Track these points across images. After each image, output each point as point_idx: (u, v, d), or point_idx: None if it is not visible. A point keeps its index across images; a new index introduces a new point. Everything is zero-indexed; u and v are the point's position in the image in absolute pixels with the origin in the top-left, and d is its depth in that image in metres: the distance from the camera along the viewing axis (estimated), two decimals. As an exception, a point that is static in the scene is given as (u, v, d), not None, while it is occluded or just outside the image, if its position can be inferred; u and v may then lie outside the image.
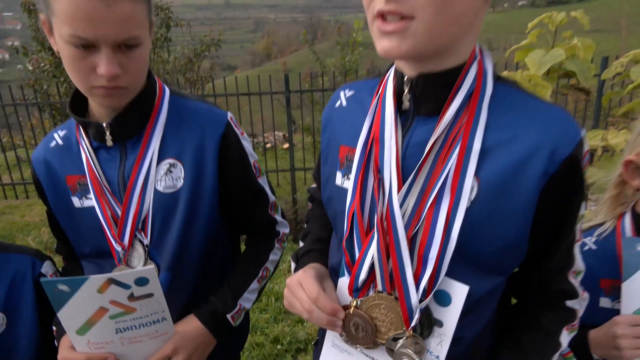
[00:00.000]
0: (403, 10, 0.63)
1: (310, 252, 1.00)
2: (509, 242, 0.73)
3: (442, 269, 0.72)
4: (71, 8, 0.81)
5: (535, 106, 0.73)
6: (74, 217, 1.06)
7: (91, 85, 0.89)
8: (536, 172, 0.69)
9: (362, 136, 0.81)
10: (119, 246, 1.01)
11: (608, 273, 1.05)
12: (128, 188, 1.00)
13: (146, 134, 1.01)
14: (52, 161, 1.06)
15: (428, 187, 0.73)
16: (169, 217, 1.03)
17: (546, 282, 0.83)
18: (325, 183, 0.93)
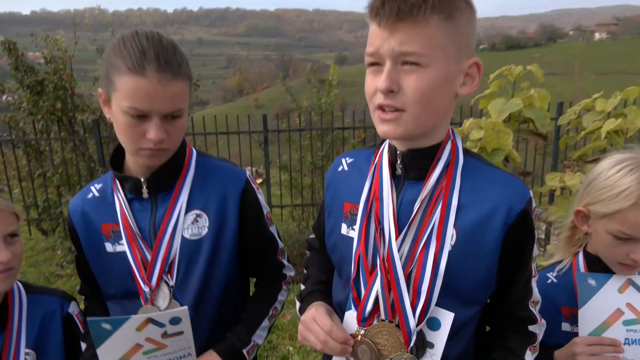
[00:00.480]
0: (397, 104, 0.87)
1: (313, 292, 1.17)
2: (482, 278, 0.95)
3: (432, 299, 0.92)
4: (134, 87, 1.01)
5: (495, 174, 0.98)
6: (105, 261, 1.18)
7: (140, 147, 1.06)
8: (498, 224, 0.93)
9: (364, 195, 1.02)
10: (146, 287, 1.13)
11: (567, 302, 1.25)
12: (158, 235, 1.14)
13: (176, 188, 1.17)
14: (89, 211, 1.20)
15: (419, 235, 0.94)
16: (193, 261, 1.17)
17: (511, 311, 1.03)
18: (330, 233, 1.12)
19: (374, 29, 0.87)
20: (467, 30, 0.88)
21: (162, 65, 1.01)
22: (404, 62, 0.85)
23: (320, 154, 5.98)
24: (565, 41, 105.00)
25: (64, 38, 5.80)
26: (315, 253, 1.30)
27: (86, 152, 5.62)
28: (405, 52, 0.84)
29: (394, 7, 0.82)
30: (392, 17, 0.82)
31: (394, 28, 0.83)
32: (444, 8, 0.83)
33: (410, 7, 0.81)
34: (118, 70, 1.02)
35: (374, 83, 0.90)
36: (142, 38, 1.03)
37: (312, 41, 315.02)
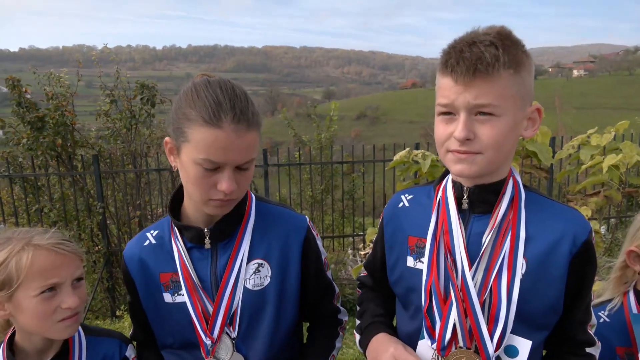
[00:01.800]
0: (472, 150, 0.96)
1: (374, 324, 1.20)
2: (551, 303, 1.01)
3: (508, 325, 0.97)
4: (210, 139, 0.99)
5: (556, 207, 1.06)
6: (163, 311, 1.17)
7: (209, 198, 1.05)
8: (565, 252, 0.99)
9: (431, 228, 1.07)
10: (208, 340, 1.11)
11: (621, 342, 1.28)
12: (221, 286, 1.13)
13: (238, 237, 1.16)
14: (147, 259, 1.18)
15: (491, 265, 1.00)
16: (257, 313, 1.15)
17: (572, 334, 1.08)
18: (394, 266, 1.16)
19: (448, 82, 0.95)
20: (529, 80, 0.97)
21: (238, 116, 1.00)
22: (478, 112, 0.93)
23: (319, 188, 6.03)
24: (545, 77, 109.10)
25: (67, 76, 5.86)
26: (369, 290, 1.33)
27: (85, 188, 5.59)
28: (481, 105, 0.92)
29: (471, 66, 0.90)
30: (469, 75, 0.90)
31: (470, 84, 0.91)
32: (512, 63, 0.92)
33: (485, 65, 0.90)
34: (191, 122, 1.00)
35: (446, 130, 0.98)
36: (215, 88, 1.02)
37: (299, 77, 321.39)
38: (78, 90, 5.82)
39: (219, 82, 1.05)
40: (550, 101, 29.83)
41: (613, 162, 2.90)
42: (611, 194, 3.12)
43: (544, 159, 3.29)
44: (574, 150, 3.33)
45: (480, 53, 0.90)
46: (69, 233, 5.39)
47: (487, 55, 0.90)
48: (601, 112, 49.89)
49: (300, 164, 5.89)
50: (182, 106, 1.03)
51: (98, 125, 6.31)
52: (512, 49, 0.93)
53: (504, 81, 0.91)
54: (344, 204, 6.36)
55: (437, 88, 0.99)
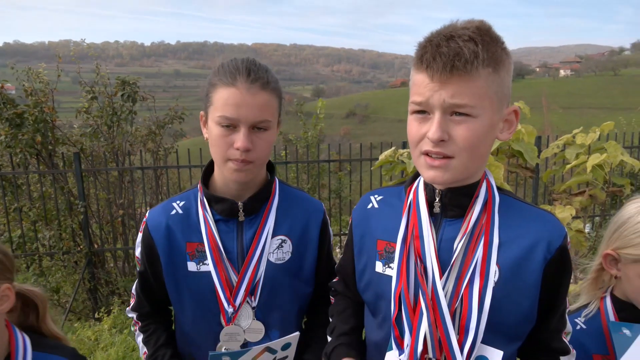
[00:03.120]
0: (446, 152, 0.90)
1: (338, 347, 1.16)
2: (525, 312, 0.97)
3: (478, 336, 0.92)
4: (225, 96, 1.10)
5: (530, 210, 1.01)
6: (186, 280, 1.19)
7: (227, 157, 1.10)
8: (539, 258, 0.95)
9: (401, 232, 1.02)
10: (230, 307, 1.16)
11: (598, 349, 1.23)
12: (247, 257, 1.17)
13: (264, 213, 1.22)
14: (174, 228, 1.22)
15: (462, 273, 0.95)
16: (277, 285, 1.20)
17: (547, 342, 1.05)
18: (362, 271, 1.11)
19: (423, 79, 0.89)
20: (507, 79, 0.92)
21: (252, 77, 1.10)
22: (453, 112, 0.88)
23: (306, 187, 5.98)
24: (532, 77, 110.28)
25: (46, 70, 5.71)
26: (341, 298, 1.29)
27: (65, 186, 5.46)
28: (457, 104, 0.87)
29: (448, 62, 0.85)
30: (446, 72, 0.85)
31: (446, 81, 0.86)
32: (491, 61, 0.87)
33: (464, 62, 0.84)
34: (214, 86, 1.13)
35: (420, 130, 0.92)
36: (238, 60, 1.14)
37: (289, 74, 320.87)
38: (65, 86, 5.69)
39: (243, 58, 1.16)
40: (537, 101, 30.19)
41: (597, 161, 2.90)
42: (595, 193, 3.12)
43: (529, 158, 3.28)
44: (559, 149, 3.33)
45: (458, 49, 0.85)
46: (50, 233, 5.28)
47: (466, 51, 0.84)
48: (587, 112, 50.58)
49: (287, 162, 5.83)
50: (210, 78, 1.16)
51: (79, 123, 6.16)
52: (492, 45, 0.88)
53: (482, 80, 0.87)
54: (330, 202, 6.31)
55: (411, 84, 0.94)
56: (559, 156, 3.39)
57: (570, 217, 2.72)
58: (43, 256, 5.29)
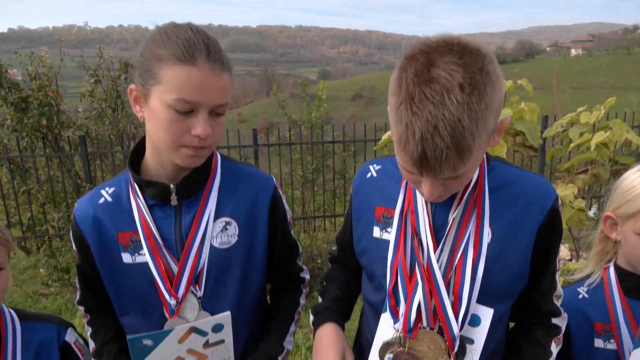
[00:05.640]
0: (446, 195, 0.92)
1: (327, 309, 1.19)
2: (516, 273, 0.99)
3: (471, 304, 0.95)
4: (183, 77, 0.93)
5: (522, 174, 1.02)
6: (122, 273, 1.10)
7: (182, 144, 0.99)
8: (531, 222, 0.97)
9: (398, 206, 1.04)
10: (172, 299, 1.06)
11: (600, 318, 1.24)
12: (186, 244, 1.07)
13: (204, 194, 1.11)
14: (102, 217, 1.10)
15: (456, 245, 0.97)
16: (224, 271, 1.12)
17: (537, 304, 1.08)
18: (360, 237, 1.13)
19: (410, 168, 0.85)
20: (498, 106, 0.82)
21: (213, 55, 0.96)
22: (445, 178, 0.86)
23: (310, 168, 5.99)
24: (542, 57, 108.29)
25: (48, 55, 5.73)
26: (337, 266, 1.32)
27: (72, 169, 5.52)
28: (451, 177, 0.86)
29: (431, 173, 0.83)
30: (435, 172, 0.83)
31: (437, 176, 0.84)
32: (483, 130, 0.80)
33: (451, 171, 0.82)
34: (163, 61, 0.94)
35: (416, 186, 0.95)
36: (186, 28, 0.97)
37: (294, 56, 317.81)
38: (71, 71, 5.70)
39: (187, 24, 0.99)
40: (547, 80, 29.69)
41: (601, 139, 2.86)
42: (599, 172, 3.09)
43: (532, 137, 3.24)
44: (562, 128, 3.29)
45: (442, 164, 0.80)
46: (58, 215, 5.36)
47: (453, 164, 0.80)
48: (598, 92, 49.73)
49: (291, 143, 5.83)
50: (151, 48, 0.97)
51: (84, 107, 6.19)
52: (475, 96, 0.76)
53: (474, 156, 0.82)
54: (335, 183, 6.33)
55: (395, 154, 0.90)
56: (563, 135, 3.35)
57: (572, 195, 2.71)
58: (53, 237, 5.39)
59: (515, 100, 3.27)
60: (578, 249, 3.20)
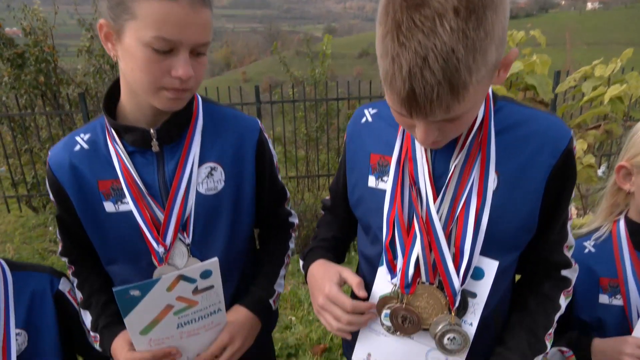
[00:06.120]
0: (444, 142, 0.84)
1: (315, 249, 1.14)
2: (524, 222, 0.91)
3: (474, 257, 0.88)
4: (162, 12, 0.85)
5: (533, 113, 0.92)
6: (106, 223, 1.06)
7: (162, 86, 0.92)
8: (543, 165, 0.88)
9: (395, 153, 0.95)
10: (160, 247, 1.04)
11: (606, 272, 1.20)
12: (171, 191, 1.04)
13: (187, 139, 1.06)
14: (79, 166, 1.05)
15: (458, 194, 0.89)
16: (213, 218, 1.09)
17: (546, 255, 1.00)
18: (354, 187, 1.06)
19: (399, 111, 0.76)
20: (501, 35, 0.71)
21: None
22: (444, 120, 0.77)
23: (314, 126, 5.89)
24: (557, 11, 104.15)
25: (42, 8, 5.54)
26: (327, 213, 1.27)
27: (73, 127, 5.47)
28: (449, 119, 0.76)
29: (421, 114, 0.73)
30: (426, 113, 0.73)
31: (431, 119, 0.75)
32: (481, 61, 0.68)
33: (444, 111, 0.72)
34: None
35: (407, 129, 0.86)
36: None
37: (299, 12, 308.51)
38: (71, 29, 5.53)
39: None
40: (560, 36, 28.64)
41: (616, 93, 2.74)
42: (612, 127, 2.98)
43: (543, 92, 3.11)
44: (575, 83, 3.16)
45: (433, 103, 0.69)
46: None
47: (446, 104, 0.70)
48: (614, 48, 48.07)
49: (294, 100, 5.70)
50: None
51: (82, 63, 6.05)
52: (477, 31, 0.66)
53: (470, 99, 0.72)
54: (339, 142, 6.24)
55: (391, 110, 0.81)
56: (576, 90, 3.22)
57: (582, 151, 2.62)
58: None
59: (527, 52, 3.12)
60: (586, 206, 3.14)
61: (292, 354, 2.93)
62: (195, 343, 1.05)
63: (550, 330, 0.98)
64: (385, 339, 0.96)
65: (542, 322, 0.98)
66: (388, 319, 0.93)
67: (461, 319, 0.91)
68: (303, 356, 2.88)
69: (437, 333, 0.89)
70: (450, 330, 0.89)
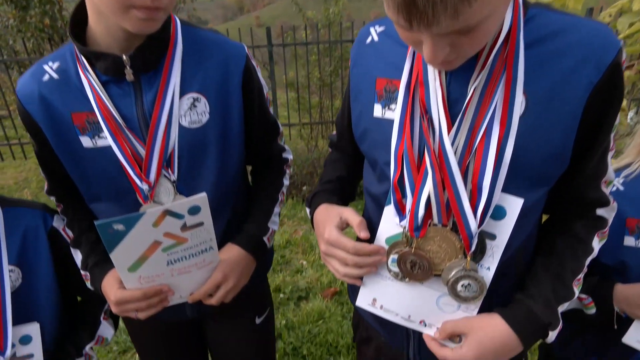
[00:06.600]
0: (458, 61, 0.72)
1: (319, 193, 1.07)
2: (555, 151, 0.77)
3: (494, 195, 0.77)
4: None
5: (573, 20, 0.76)
6: (84, 160, 1.00)
7: (131, 4, 0.83)
8: (583, 82, 0.73)
9: (404, 76, 0.83)
10: (144, 184, 0.99)
11: (634, 213, 1.10)
12: (152, 124, 0.96)
13: (165, 67, 0.97)
14: (50, 97, 0.97)
15: (477, 122, 0.77)
16: (199, 153, 1.02)
17: (581, 191, 0.87)
18: (359, 118, 0.94)
19: (397, 21, 0.65)
20: None
21: None
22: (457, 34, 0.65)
23: (328, 70, 5.67)
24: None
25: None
26: (334, 150, 1.18)
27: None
28: (456, 36, 0.64)
29: (422, 22, 0.60)
30: (428, 20, 0.60)
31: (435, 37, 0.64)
32: None
33: (451, 18, 0.59)
34: None
35: (415, 47, 0.73)
36: None
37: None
38: None
39: None
40: (593, -28, 26.77)
41: (656, 28, 2.50)
42: (647, 67, 2.76)
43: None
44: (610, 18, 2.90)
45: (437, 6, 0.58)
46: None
47: (453, 8, 0.57)
48: (650, -14, 44.63)
49: (307, 43, 5.45)
50: None
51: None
52: None
53: (483, 2, 0.59)
54: (354, 87, 6.02)
55: None
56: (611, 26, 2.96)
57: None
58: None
59: (559, -16, 2.86)
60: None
61: (303, 297, 2.97)
62: (187, 281, 1.02)
63: (579, 275, 0.88)
64: (391, 283, 0.89)
65: (570, 266, 0.87)
66: (395, 265, 0.86)
67: (478, 263, 0.82)
68: (313, 299, 2.92)
69: (450, 279, 0.82)
70: (464, 277, 0.81)
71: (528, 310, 0.82)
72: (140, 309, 0.99)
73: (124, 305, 0.99)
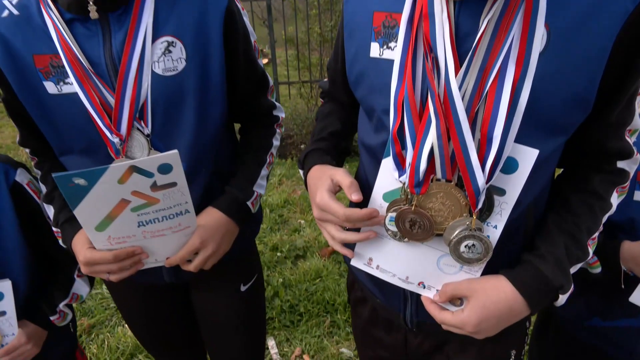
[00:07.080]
0: None
1: (311, 153, 0.98)
2: (579, 95, 0.68)
3: (506, 147, 0.68)
4: None
5: None
6: (50, 107, 0.92)
7: None
8: (615, 12, 0.64)
9: (406, 9, 0.73)
10: (115, 137, 0.91)
11: None
12: (121, 70, 0.88)
13: (135, 4, 0.87)
14: (10, 37, 0.88)
15: (489, 62, 0.67)
16: (175, 104, 0.94)
17: (602, 140, 0.78)
18: (354, 59, 0.85)
19: None
20: None
21: None
22: None
23: (329, 25, 5.45)
24: None
25: None
26: (327, 101, 1.08)
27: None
28: None
29: None
30: None
31: None
32: None
33: None
34: None
35: None
36: None
37: None
38: None
39: None
40: None
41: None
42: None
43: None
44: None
45: None
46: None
47: None
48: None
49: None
50: None
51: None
52: None
53: None
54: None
55: None
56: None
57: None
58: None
59: None
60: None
61: (300, 256, 2.96)
62: (163, 245, 0.95)
63: (595, 233, 0.81)
64: (389, 242, 0.83)
65: (585, 224, 0.79)
66: (393, 224, 0.79)
67: (484, 221, 0.75)
68: (311, 258, 2.91)
69: (453, 239, 0.75)
70: (469, 236, 0.74)
71: (537, 272, 0.76)
72: (112, 271, 0.94)
73: (94, 266, 0.94)
